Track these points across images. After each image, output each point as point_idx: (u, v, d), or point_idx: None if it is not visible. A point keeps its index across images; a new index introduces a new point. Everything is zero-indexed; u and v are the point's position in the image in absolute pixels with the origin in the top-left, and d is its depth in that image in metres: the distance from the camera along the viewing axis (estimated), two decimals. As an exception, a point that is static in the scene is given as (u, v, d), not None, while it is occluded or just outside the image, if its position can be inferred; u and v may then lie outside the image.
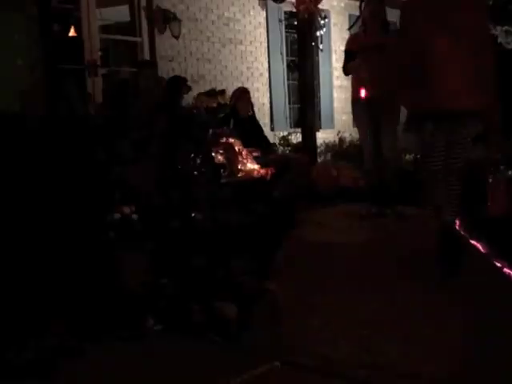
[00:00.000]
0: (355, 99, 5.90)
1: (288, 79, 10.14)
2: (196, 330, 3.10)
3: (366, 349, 2.88)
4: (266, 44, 9.82)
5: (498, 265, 4.06)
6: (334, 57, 10.98)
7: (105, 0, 7.51)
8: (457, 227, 5.09)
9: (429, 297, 3.54)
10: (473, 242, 4.68)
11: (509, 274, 3.91)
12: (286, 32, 10.03)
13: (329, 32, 10.57)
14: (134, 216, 3.62)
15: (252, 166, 5.98)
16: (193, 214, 4.01)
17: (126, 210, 3.56)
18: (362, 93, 5.54)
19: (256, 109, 8.15)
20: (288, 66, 10.16)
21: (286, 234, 5.01)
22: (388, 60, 4.56)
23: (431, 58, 3.62)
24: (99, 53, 7.18)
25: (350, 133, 10.74)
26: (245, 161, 5.92)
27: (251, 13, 9.54)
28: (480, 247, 4.54)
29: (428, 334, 3.01)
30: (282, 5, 9.29)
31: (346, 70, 5.95)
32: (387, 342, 2.94)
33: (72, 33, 6.96)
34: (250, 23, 9.55)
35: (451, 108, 3.67)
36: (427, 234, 4.75)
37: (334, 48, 10.99)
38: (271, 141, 8.23)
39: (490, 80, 3.66)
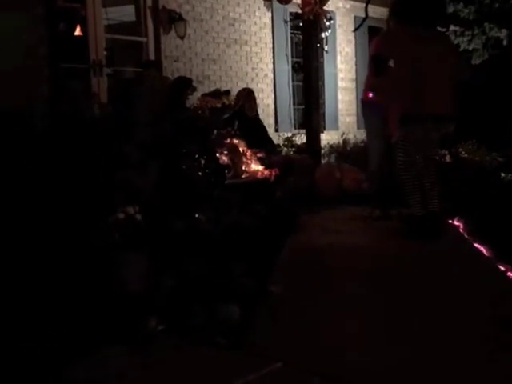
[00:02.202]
0: (366, 100, 5.86)
1: (293, 80, 10.14)
2: (198, 332, 3.10)
3: (369, 352, 2.88)
4: (271, 45, 9.83)
5: (502, 268, 4.06)
6: (338, 58, 10.98)
7: (111, -1, 7.53)
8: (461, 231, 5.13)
9: (435, 297, 3.53)
10: (477, 245, 4.68)
11: (512, 278, 3.90)
12: (291, 33, 10.04)
13: (334, 34, 10.57)
14: (138, 216, 3.61)
15: (256, 167, 5.99)
16: (196, 215, 4.01)
17: (130, 210, 3.56)
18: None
19: (260, 110, 8.16)
20: (293, 67, 10.16)
21: (289, 236, 5.01)
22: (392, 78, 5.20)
23: (424, 79, 4.87)
24: (104, 52, 7.19)
25: (355, 134, 10.75)
26: (249, 162, 5.93)
27: (257, 14, 9.55)
28: (484, 251, 4.53)
29: (436, 337, 3.00)
30: (287, 6, 9.29)
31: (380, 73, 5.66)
32: (392, 345, 2.93)
33: (77, 32, 6.98)
34: (256, 24, 9.56)
35: (435, 113, 4.93)
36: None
37: (338, 50, 10.99)
38: (275, 142, 8.24)
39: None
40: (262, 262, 3.99)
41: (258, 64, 9.62)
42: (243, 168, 5.87)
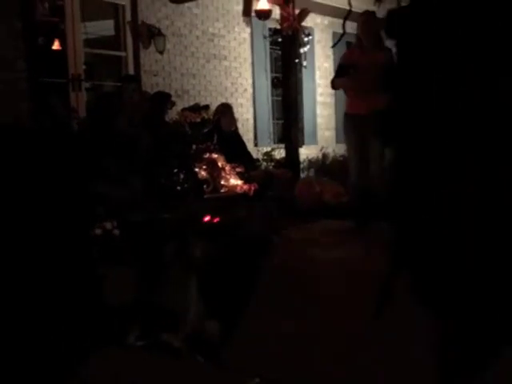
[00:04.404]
0: (346, 113, 5.90)
1: (272, 95, 10.20)
2: (178, 348, 3.09)
3: (350, 367, 2.88)
4: (250, 60, 9.88)
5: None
6: (317, 73, 11.06)
7: (90, 14, 7.51)
8: None
9: (414, 313, 3.55)
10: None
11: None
12: (270, 48, 10.11)
13: (312, 49, 10.65)
14: (116, 231, 3.60)
15: (235, 181, 5.99)
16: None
17: (108, 225, 3.55)
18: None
19: (240, 124, 8.18)
20: (272, 82, 10.23)
21: (269, 250, 5.00)
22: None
23: None
24: (83, 67, 7.18)
25: (333, 148, 10.81)
26: (228, 176, 5.92)
27: (236, 29, 9.60)
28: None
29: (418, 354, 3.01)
30: (266, 21, 9.33)
31: (334, 84, 5.92)
32: (373, 361, 2.94)
33: (56, 46, 6.96)
34: (235, 39, 9.61)
35: None
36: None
37: (317, 65, 11.07)
38: (255, 156, 8.25)
39: None
40: (243, 276, 3.98)
41: (237, 79, 9.66)
42: (222, 183, 5.86)
